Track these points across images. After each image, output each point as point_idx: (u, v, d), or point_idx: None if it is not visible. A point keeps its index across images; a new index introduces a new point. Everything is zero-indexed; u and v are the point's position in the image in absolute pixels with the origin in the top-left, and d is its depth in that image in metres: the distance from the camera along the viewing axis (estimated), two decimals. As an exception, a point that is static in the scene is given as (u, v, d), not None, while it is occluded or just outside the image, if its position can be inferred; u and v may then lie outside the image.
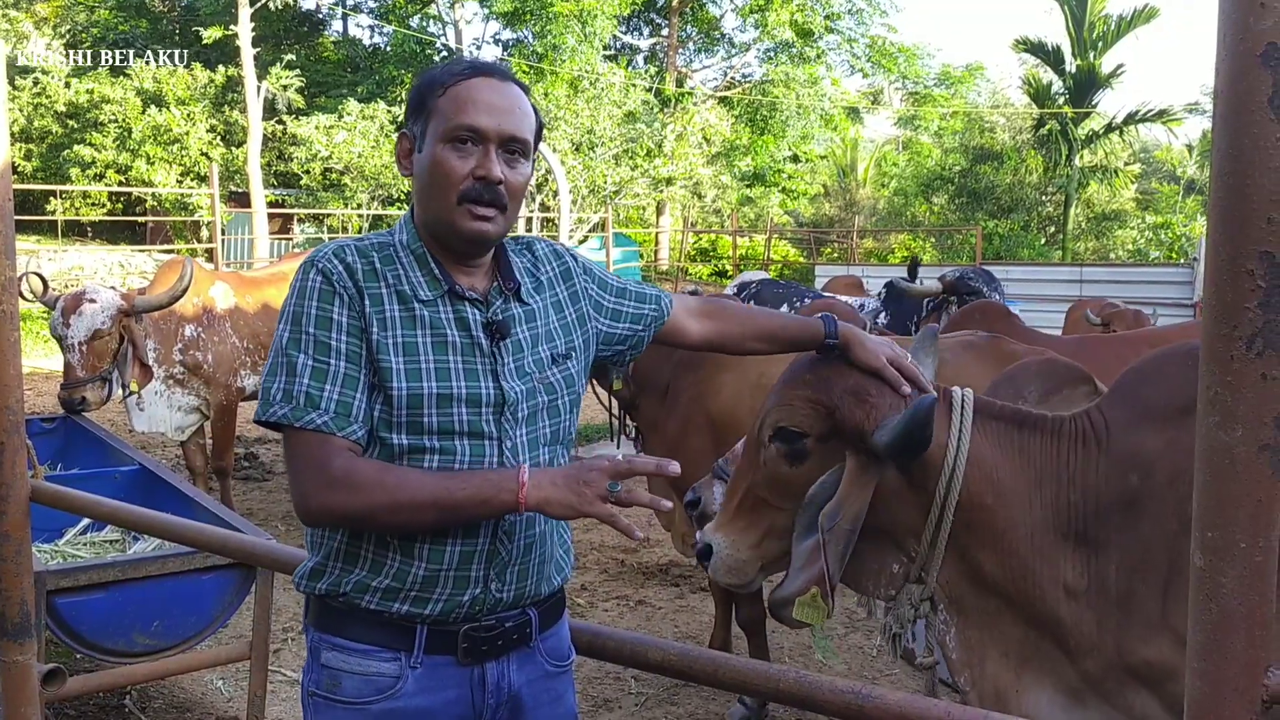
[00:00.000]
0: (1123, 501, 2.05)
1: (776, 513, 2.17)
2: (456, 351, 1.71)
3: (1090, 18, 26.69)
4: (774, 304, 7.85)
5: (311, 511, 1.66)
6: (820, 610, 2.07)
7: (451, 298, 1.74)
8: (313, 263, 1.71)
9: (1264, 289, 1.01)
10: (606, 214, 20.14)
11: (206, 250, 17.10)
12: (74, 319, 5.68)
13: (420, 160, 1.75)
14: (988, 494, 2.10)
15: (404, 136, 1.79)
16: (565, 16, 23.78)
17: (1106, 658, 2.05)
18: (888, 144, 37.20)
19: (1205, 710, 1.07)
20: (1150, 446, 2.04)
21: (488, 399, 1.71)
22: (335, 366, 1.65)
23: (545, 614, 1.84)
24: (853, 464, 2.07)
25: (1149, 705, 2.02)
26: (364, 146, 20.56)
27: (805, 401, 2.12)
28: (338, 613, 1.73)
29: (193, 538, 2.78)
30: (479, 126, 1.69)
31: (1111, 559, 2.05)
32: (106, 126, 22.59)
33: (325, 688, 1.72)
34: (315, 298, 1.68)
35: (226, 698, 4.27)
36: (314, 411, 1.63)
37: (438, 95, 1.72)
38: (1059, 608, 2.09)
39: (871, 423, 2.06)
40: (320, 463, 1.63)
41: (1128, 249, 27.05)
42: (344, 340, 1.67)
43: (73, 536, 4.47)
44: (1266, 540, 1.04)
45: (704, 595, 5.48)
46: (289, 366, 1.66)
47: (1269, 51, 0.99)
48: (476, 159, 1.70)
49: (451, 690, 1.73)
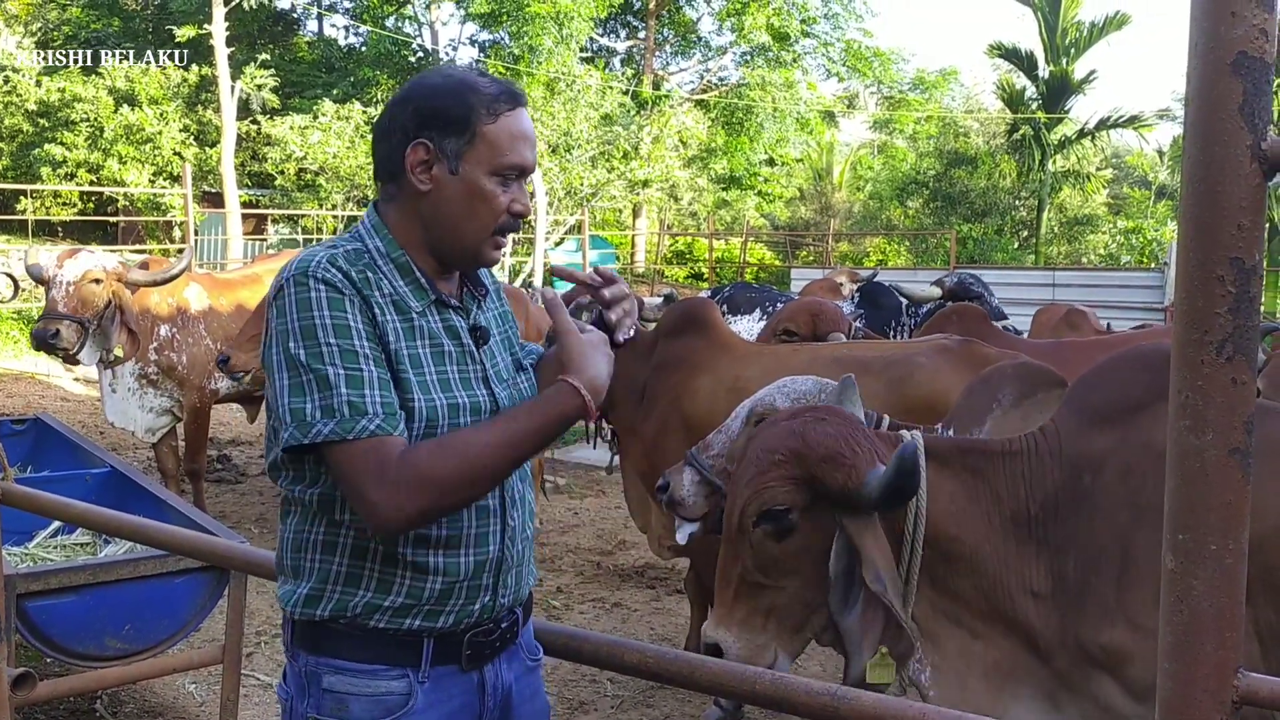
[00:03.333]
0: (1077, 502, 2.13)
1: (775, 592, 2.17)
2: (452, 361, 1.70)
3: (1063, 24, 26.94)
4: (747, 308, 7.84)
5: (394, 521, 1.56)
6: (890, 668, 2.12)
7: (438, 306, 1.72)
8: (308, 274, 1.60)
9: (1234, 294, 1.02)
10: (583, 216, 20.11)
11: (179, 251, 16.95)
12: (68, 262, 5.68)
13: (453, 183, 1.68)
14: (951, 523, 2.17)
15: (422, 146, 1.68)
16: (542, 18, 23.71)
17: (1070, 652, 2.11)
18: (863, 148, 37.36)
19: (1176, 712, 1.08)
20: (1100, 446, 2.13)
21: (485, 406, 1.70)
22: (368, 371, 1.57)
23: (525, 610, 1.86)
24: (852, 524, 2.10)
25: (1111, 692, 2.08)
26: (339, 147, 20.41)
27: (783, 479, 2.14)
28: (338, 635, 1.67)
29: (165, 540, 2.76)
30: (527, 166, 1.71)
31: (1070, 557, 2.13)
32: (78, 125, 22.33)
33: (330, 712, 1.66)
34: (326, 307, 1.58)
35: (199, 702, 4.24)
36: (364, 418, 1.54)
37: (485, 122, 1.67)
38: (1029, 613, 2.15)
39: (855, 482, 2.08)
40: (381, 469, 1.54)
41: (1099, 253, 27.29)
42: (367, 346, 1.59)
43: (43, 539, 4.42)
44: (1237, 543, 1.06)
45: (680, 597, 5.49)
46: (320, 382, 1.55)
47: (1240, 59, 1.00)
48: (513, 193, 1.71)
49: (457, 699, 1.72)
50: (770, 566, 2.17)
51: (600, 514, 7.44)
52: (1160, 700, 1.10)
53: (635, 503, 4.48)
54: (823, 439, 2.13)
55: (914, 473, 2.02)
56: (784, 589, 2.17)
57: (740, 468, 2.25)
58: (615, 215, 28.81)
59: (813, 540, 2.14)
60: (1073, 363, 4.01)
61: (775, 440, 2.19)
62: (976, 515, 2.18)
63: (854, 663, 2.11)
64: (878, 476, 2.05)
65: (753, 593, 2.18)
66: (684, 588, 4.97)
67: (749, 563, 2.18)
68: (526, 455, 1.66)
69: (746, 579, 2.18)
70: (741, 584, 2.19)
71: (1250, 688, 1.08)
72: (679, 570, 5.68)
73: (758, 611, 2.17)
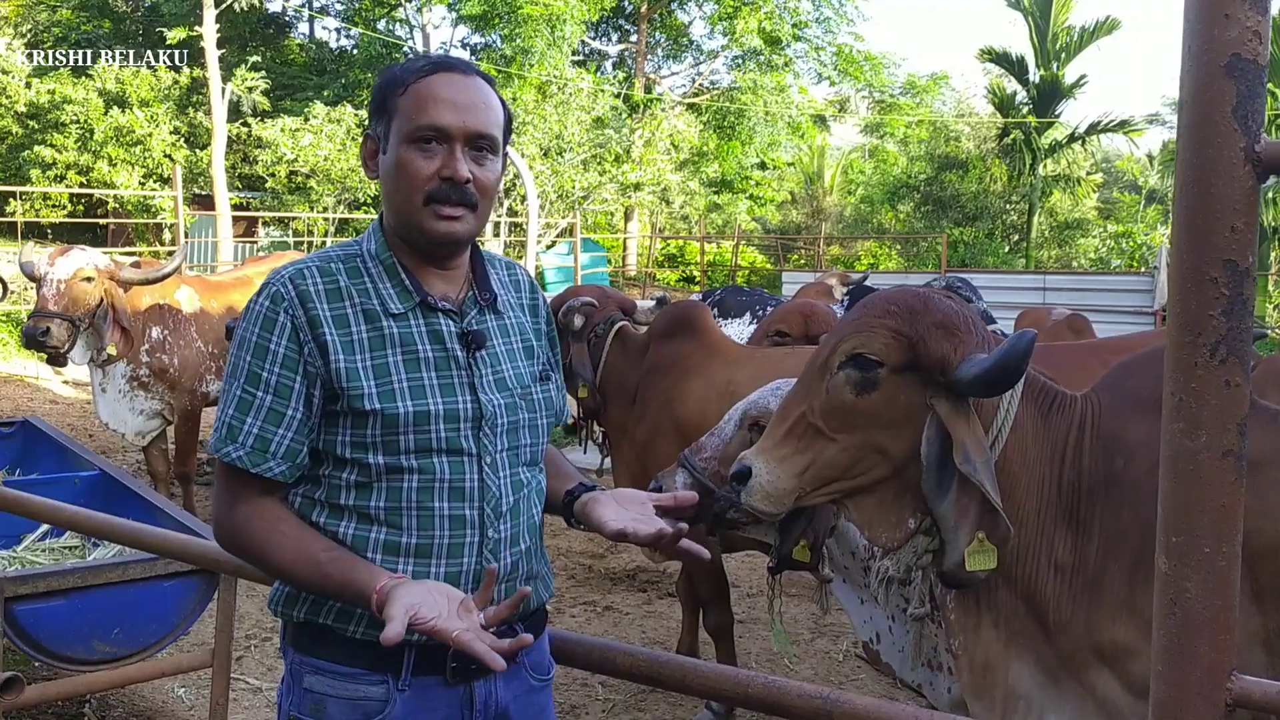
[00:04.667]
0: (1108, 485, 2.08)
1: (827, 444, 2.12)
2: (430, 367, 1.67)
3: (1054, 29, 27.05)
4: (737, 311, 7.82)
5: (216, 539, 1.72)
6: (990, 553, 2.04)
7: (424, 309, 1.69)
8: (269, 283, 1.66)
9: (1227, 296, 1.02)
10: (575, 219, 20.10)
11: (169, 253, 16.88)
12: (60, 259, 5.68)
13: (385, 162, 1.69)
14: (1017, 461, 2.11)
15: (368, 138, 1.74)
16: (534, 21, 23.71)
17: (1076, 636, 2.08)
18: (854, 152, 37.45)
19: (1170, 713, 1.08)
20: (1135, 433, 2.07)
21: (465, 413, 1.67)
22: (261, 399, 1.62)
23: (529, 629, 1.79)
24: (946, 408, 2.05)
25: (1110, 686, 2.05)
26: (330, 150, 20.39)
27: (888, 331, 2.09)
28: (320, 635, 1.68)
29: (154, 544, 2.75)
30: (443, 125, 1.64)
31: (1094, 540, 2.08)
32: (68, 127, 22.25)
33: (309, 712, 1.66)
34: (258, 324, 1.64)
35: (188, 706, 4.22)
36: (231, 445, 1.63)
37: (399, 94, 1.67)
38: (1047, 584, 2.11)
39: (959, 356, 2.04)
40: (229, 499, 1.67)
41: (1090, 257, 27.38)
42: (276, 373, 1.62)
43: (32, 543, 4.40)
44: (1230, 545, 1.06)
45: (671, 601, 5.48)
46: (227, 394, 1.66)
47: (1233, 62, 1.00)
48: (442, 158, 1.65)
49: (440, 711, 1.68)
50: (835, 414, 2.11)
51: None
52: (1154, 702, 1.10)
53: (627, 506, 4.46)
54: (943, 307, 2.11)
55: (1023, 360, 1.95)
56: (835, 444, 2.11)
57: (852, 311, 2.21)
58: (607, 218, 28.81)
59: (888, 408, 2.09)
60: (1061, 367, 4.02)
61: (896, 295, 2.16)
62: (1038, 461, 2.12)
63: (951, 549, 2.05)
64: (982, 357, 2.01)
65: (806, 435, 2.13)
66: (675, 591, 4.97)
67: (817, 404, 2.13)
68: (309, 590, 1.66)
69: (806, 419, 2.14)
70: (798, 424, 2.14)
71: (1243, 690, 1.08)
72: (671, 574, 5.68)
73: (802, 455, 2.13)
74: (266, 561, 1.65)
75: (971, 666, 2.19)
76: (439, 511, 1.66)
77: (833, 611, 3.57)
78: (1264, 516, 1.93)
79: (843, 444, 2.12)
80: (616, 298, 5.00)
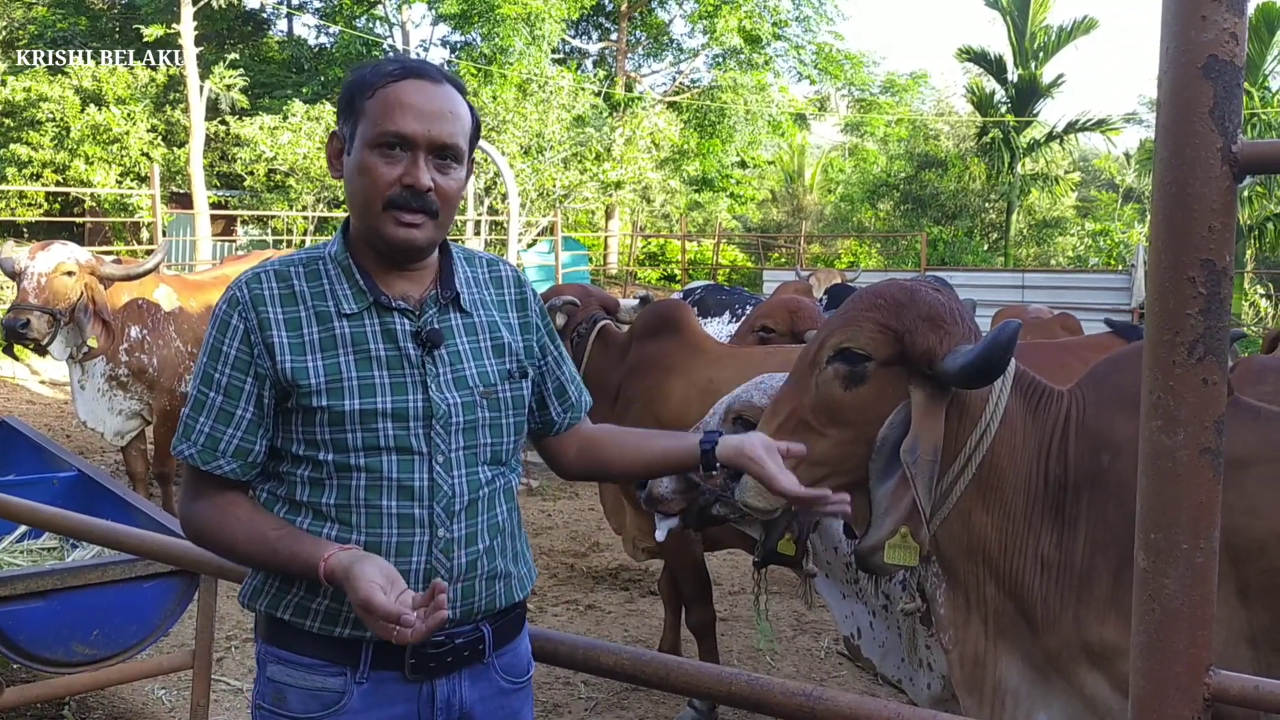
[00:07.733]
0: (1093, 481, 2.09)
1: (818, 439, 2.13)
2: (382, 365, 1.68)
3: (1031, 28, 27.20)
4: (717, 310, 7.83)
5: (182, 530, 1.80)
6: (912, 550, 2.05)
7: (378, 309, 1.70)
8: (229, 288, 1.72)
9: (1205, 296, 1.03)
10: (555, 218, 20.06)
11: (147, 252, 16.77)
12: (40, 254, 5.68)
13: (349, 164, 1.71)
14: (1005, 454, 2.12)
15: (335, 137, 1.75)
16: (513, 19, 23.65)
17: (1064, 634, 2.08)
18: (834, 150, 37.51)
19: (1149, 708, 1.09)
20: (1121, 430, 2.07)
21: (415, 411, 1.67)
22: (212, 400, 1.68)
23: (501, 630, 1.79)
24: (920, 396, 2.06)
25: (1099, 685, 2.05)
26: (309, 148, 20.26)
27: (874, 324, 2.11)
28: (284, 626, 1.71)
29: (133, 545, 2.74)
30: (407, 133, 1.64)
31: (1080, 536, 2.09)
32: (44, 125, 22.03)
33: (271, 701, 1.70)
34: (215, 326, 1.70)
35: (168, 707, 4.20)
36: (185, 443, 1.69)
37: (367, 97, 1.67)
38: (1034, 580, 2.11)
39: (944, 348, 2.05)
40: (190, 493, 1.74)
41: (1068, 255, 27.55)
42: (227, 374, 1.68)
43: (9, 544, 4.37)
44: (1208, 542, 1.07)
45: (653, 599, 5.49)
46: (189, 394, 1.73)
47: (1210, 63, 1.01)
48: (404, 166, 1.65)
49: (399, 706, 1.69)
50: (827, 410, 2.13)
51: (574, 516, 7.43)
52: (1133, 697, 1.11)
53: (610, 505, 4.47)
54: (930, 300, 2.12)
55: (1006, 351, 1.96)
56: (826, 439, 2.13)
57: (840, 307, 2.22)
58: (588, 217, 28.77)
59: (877, 402, 2.11)
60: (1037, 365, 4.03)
61: (884, 289, 2.17)
62: (1025, 455, 2.13)
63: (874, 534, 2.07)
64: (968, 348, 2.02)
65: (797, 431, 2.14)
66: (658, 589, 4.97)
67: (807, 400, 2.15)
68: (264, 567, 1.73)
69: (798, 415, 2.16)
70: (789, 420, 2.16)
71: (1221, 685, 1.09)
72: (653, 572, 5.68)
73: None
74: (221, 544, 1.72)
75: (963, 661, 2.20)
76: (386, 510, 1.67)
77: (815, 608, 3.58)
78: (1249, 514, 1.94)
79: (833, 439, 2.14)
80: (599, 296, 4.99)
